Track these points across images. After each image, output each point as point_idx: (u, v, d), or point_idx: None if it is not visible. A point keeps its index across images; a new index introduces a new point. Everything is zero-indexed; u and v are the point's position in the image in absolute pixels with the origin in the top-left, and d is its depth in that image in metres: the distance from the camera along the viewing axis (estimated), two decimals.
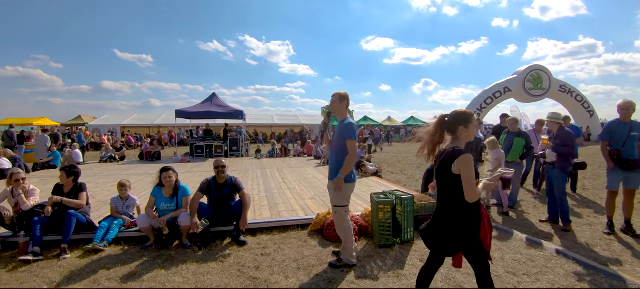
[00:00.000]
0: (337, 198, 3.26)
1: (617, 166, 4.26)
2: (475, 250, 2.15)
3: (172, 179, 4.06)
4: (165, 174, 4.05)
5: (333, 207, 3.32)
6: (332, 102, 3.42)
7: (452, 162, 2.07)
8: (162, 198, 4.05)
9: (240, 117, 14.14)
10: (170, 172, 4.08)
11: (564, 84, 25.16)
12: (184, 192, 4.13)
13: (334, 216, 3.34)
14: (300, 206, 5.36)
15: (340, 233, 3.33)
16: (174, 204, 4.05)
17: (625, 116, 4.25)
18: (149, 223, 3.82)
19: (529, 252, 3.78)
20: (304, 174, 8.95)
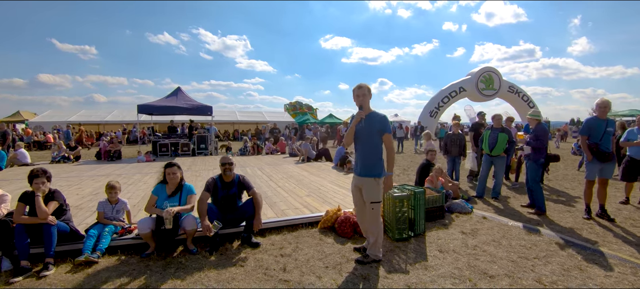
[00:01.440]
0: (374, 194, 3.17)
1: (595, 158, 4.71)
2: None
3: (176, 175, 3.71)
4: (169, 170, 3.69)
5: (370, 203, 3.18)
6: (363, 95, 3.17)
7: None
8: (165, 196, 3.69)
9: (209, 113, 13.43)
10: (175, 168, 3.73)
11: (512, 85, 27.46)
12: (188, 191, 3.79)
13: (370, 213, 3.23)
14: (301, 204, 5.21)
15: (374, 228, 3.27)
16: (177, 203, 3.70)
17: (602, 113, 4.71)
18: (151, 228, 3.43)
19: (530, 238, 4.03)
20: (288, 172, 8.74)
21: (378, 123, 3.15)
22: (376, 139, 3.15)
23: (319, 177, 7.76)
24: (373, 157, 3.15)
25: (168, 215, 3.36)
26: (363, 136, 3.20)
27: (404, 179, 8.27)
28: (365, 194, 3.21)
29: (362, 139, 3.21)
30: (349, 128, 3.32)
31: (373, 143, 3.15)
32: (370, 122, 3.16)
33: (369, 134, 3.16)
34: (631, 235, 4.14)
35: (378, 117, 3.18)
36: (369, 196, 3.18)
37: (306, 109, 36.36)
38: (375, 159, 3.15)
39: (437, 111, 27.89)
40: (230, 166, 3.87)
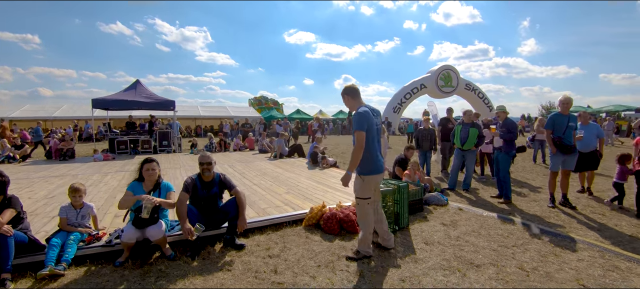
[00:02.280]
0: (358, 190, 3.22)
1: (559, 151, 5.07)
2: None
3: (155, 172, 3.42)
4: (148, 166, 3.39)
5: (355, 198, 3.28)
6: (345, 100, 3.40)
7: None
8: (141, 191, 3.38)
9: (171, 107, 12.69)
10: (153, 164, 3.44)
11: (468, 83, 29.08)
12: (167, 189, 3.50)
13: (357, 207, 3.30)
14: (282, 201, 5.07)
15: (361, 224, 3.30)
16: None
17: (565, 109, 5.08)
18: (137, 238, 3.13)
19: (506, 227, 4.24)
20: (262, 169, 8.51)
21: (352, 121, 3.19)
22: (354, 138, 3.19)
23: (295, 174, 7.63)
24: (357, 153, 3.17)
25: (148, 203, 3.08)
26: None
27: None
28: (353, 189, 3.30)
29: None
30: None
31: (353, 141, 3.21)
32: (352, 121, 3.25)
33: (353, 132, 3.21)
34: (592, 221, 4.52)
35: (354, 114, 3.20)
36: (354, 192, 3.28)
37: (272, 104, 35.81)
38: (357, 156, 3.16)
39: (400, 107, 28.89)
40: (209, 166, 3.63)
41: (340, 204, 4.52)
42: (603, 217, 4.67)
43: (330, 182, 6.57)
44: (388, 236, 3.48)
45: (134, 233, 3.16)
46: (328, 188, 6.05)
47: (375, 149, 3.17)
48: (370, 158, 3.16)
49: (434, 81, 28.01)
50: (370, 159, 3.16)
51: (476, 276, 2.98)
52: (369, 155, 3.14)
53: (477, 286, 2.80)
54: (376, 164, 3.22)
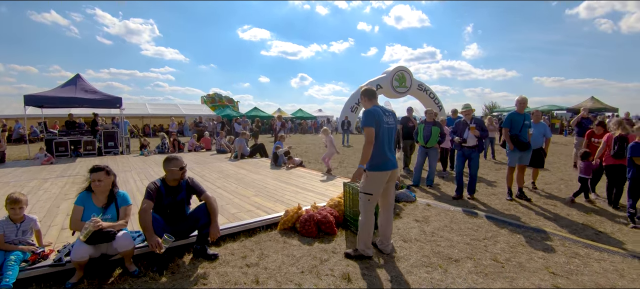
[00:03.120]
0: (361, 184, 3.27)
1: (516, 148, 5.44)
2: None
3: (103, 183, 2.97)
4: (95, 176, 2.94)
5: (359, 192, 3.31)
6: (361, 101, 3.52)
7: None
8: (93, 208, 2.94)
9: (118, 105, 11.56)
10: (101, 173, 2.97)
11: (421, 84, 30.57)
12: (123, 201, 3.10)
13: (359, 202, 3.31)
14: (252, 205, 4.80)
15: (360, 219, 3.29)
16: (110, 216, 2.99)
17: (521, 108, 5.45)
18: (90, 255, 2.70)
19: (473, 221, 4.44)
20: (223, 170, 8.06)
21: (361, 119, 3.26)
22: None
23: (261, 175, 7.34)
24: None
25: (89, 226, 2.66)
26: None
27: (342, 172, 8.39)
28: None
29: None
30: None
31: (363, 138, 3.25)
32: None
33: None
34: (548, 212, 4.90)
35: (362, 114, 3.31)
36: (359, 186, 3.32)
37: (226, 101, 34.55)
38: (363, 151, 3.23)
39: (357, 107, 29.52)
40: (183, 171, 3.29)
41: (315, 205, 4.39)
42: (555, 208, 5.10)
43: (300, 183, 6.41)
44: (387, 241, 3.43)
45: (86, 249, 2.73)
46: (298, 189, 5.89)
47: (383, 146, 3.21)
48: (377, 154, 3.19)
49: (389, 81, 29.02)
50: (376, 155, 3.19)
51: (457, 270, 3.03)
52: (375, 151, 3.18)
53: (460, 280, 2.85)
54: (383, 161, 3.21)
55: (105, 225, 2.80)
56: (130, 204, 3.15)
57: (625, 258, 3.20)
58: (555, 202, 5.39)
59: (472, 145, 5.52)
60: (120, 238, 2.82)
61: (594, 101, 23.52)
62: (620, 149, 4.73)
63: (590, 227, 4.17)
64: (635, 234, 3.92)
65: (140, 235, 3.22)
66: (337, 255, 3.32)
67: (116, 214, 3.04)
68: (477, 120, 5.64)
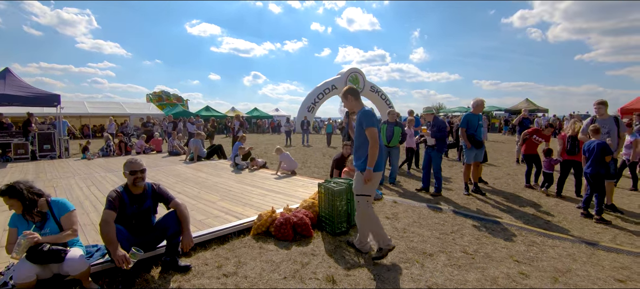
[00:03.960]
0: (358, 187, 3.22)
1: (473, 146, 5.84)
2: None
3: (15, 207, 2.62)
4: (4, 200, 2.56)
5: (356, 196, 3.24)
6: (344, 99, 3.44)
7: None
8: (26, 226, 2.56)
9: (55, 103, 10.29)
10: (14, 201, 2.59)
11: (373, 85, 31.65)
12: (61, 209, 2.73)
13: (357, 205, 3.26)
14: (219, 210, 4.56)
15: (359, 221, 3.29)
16: (48, 230, 2.62)
17: (477, 110, 5.87)
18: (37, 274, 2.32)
19: (439, 216, 4.67)
20: (180, 174, 7.56)
21: (359, 118, 3.20)
22: (361, 134, 3.20)
23: (222, 178, 7.01)
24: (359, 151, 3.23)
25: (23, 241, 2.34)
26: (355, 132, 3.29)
27: (306, 172, 8.35)
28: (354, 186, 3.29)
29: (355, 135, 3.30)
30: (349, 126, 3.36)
31: (360, 138, 3.22)
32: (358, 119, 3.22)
33: (357, 130, 3.23)
34: (501, 205, 5.33)
35: (360, 112, 3.23)
36: (355, 189, 3.26)
37: (175, 99, 32.64)
38: (360, 153, 3.22)
39: (314, 106, 29.75)
40: (143, 174, 2.99)
41: (288, 207, 4.30)
42: (507, 201, 5.56)
43: (266, 185, 6.23)
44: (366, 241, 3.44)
45: (30, 269, 2.38)
46: (265, 191, 5.72)
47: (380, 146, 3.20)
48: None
49: (343, 82, 29.60)
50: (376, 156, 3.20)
51: (433, 264, 3.16)
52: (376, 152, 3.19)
53: (437, 274, 2.96)
54: (380, 161, 3.21)
55: (46, 239, 2.47)
56: (72, 210, 2.78)
57: (574, 244, 3.59)
58: (506, 196, 5.89)
59: (431, 144, 5.84)
60: (69, 261, 2.47)
61: (528, 103, 26.27)
62: (572, 147, 5.34)
63: (540, 217, 4.61)
64: (577, 222, 4.42)
65: (99, 249, 2.88)
66: (317, 257, 3.27)
67: (58, 227, 2.67)
68: (437, 121, 5.96)
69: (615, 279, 2.81)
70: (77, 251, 2.55)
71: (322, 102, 30.43)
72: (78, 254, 2.52)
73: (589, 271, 2.96)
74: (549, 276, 2.89)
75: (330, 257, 3.28)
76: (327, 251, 3.43)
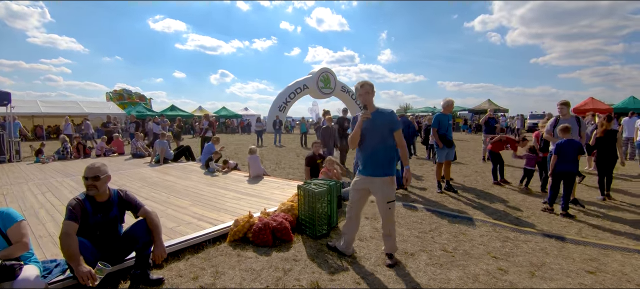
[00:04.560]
0: (392, 193, 3.07)
1: (444, 145, 5.99)
2: None
3: None
4: None
5: (388, 203, 3.04)
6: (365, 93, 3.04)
7: None
8: None
9: (5, 102, 9.31)
10: None
11: (344, 85, 31.91)
12: (6, 221, 2.40)
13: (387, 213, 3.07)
14: (192, 216, 4.30)
15: (392, 228, 3.15)
16: None
17: (447, 110, 6.03)
18: None
19: (415, 214, 4.73)
20: (147, 178, 7.11)
21: (388, 120, 3.02)
22: (388, 137, 3.03)
23: (193, 181, 6.68)
24: (387, 155, 3.04)
25: None
26: (372, 134, 3.02)
27: (281, 173, 8.19)
28: (381, 194, 3.04)
29: (371, 137, 3.03)
30: (354, 129, 3.05)
31: (385, 141, 3.02)
32: (380, 120, 3.01)
33: (379, 132, 3.01)
34: (473, 202, 5.50)
35: (387, 113, 3.06)
36: (386, 196, 3.03)
37: (137, 98, 30.96)
38: (390, 157, 3.05)
39: (285, 106, 29.50)
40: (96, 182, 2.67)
41: (265, 211, 4.14)
42: (478, 198, 5.76)
43: (240, 188, 6.01)
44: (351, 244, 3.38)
45: None
46: (240, 194, 5.50)
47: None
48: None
49: (315, 82, 29.61)
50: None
51: (415, 264, 3.16)
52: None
53: (421, 273, 2.96)
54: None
55: None
56: (20, 221, 2.45)
57: (544, 238, 3.75)
58: (477, 193, 6.10)
59: None
60: (22, 281, 2.18)
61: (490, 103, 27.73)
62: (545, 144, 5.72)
63: (510, 213, 4.80)
64: (544, 216, 4.64)
65: (59, 264, 2.58)
66: (300, 263, 3.16)
67: (5, 241, 2.36)
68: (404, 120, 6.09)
69: (586, 271, 2.96)
70: (31, 270, 2.26)
71: (293, 102, 30.24)
72: (33, 273, 2.23)
73: (561, 264, 3.09)
74: (526, 270, 2.99)
75: (313, 261, 3.18)
76: (309, 255, 3.33)
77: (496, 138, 6.83)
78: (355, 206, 3.25)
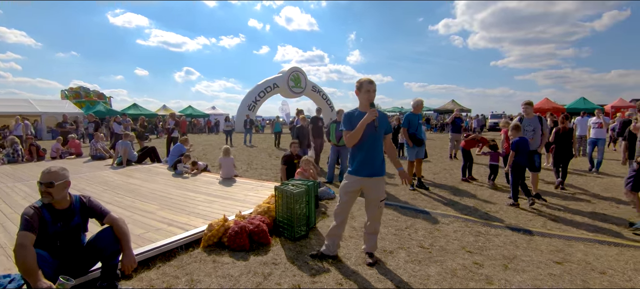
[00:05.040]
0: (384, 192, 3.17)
1: (414, 144, 6.14)
2: None
3: None
4: None
5: (380, 202, 3.09)
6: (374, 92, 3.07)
7: None
8: None
9: None
10: None
11: (314, 85, 31.92)
12: None
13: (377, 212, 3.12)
14: (161, 222, 4.06)
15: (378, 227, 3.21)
16: None
17: (417, 110, 6.19)
18: None
19: (391, 212, 4.78)
20: (109, 181, 6.63)
21: (385, 122, 3.10)
22: (382, 138, 3.11)
23: (159, 184, 6.33)
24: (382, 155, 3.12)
25: None
26: (372, 135, 3.01)
27: (253, 174, 8.00)
28: (375, 194, 3.06)
29: (371, 138, 3.01)
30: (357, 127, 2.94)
31: (380, 142, 3.10)
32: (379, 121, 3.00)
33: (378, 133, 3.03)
34: (443, 198, 5.68)
35: (382, 115, 3.09)
36: (379, 195, 3.08)
37: (96, 97, 29.04)
38: (383, 158, 3.13)
39: (255, 105, 28.96)
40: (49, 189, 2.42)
41: (240, 214, 4.00)
42: (449, 194, 5.96)
43: (211, 190, 5.78)
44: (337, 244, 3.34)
45: None
46: (212, 197, 5.29)
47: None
48: None
49: (285, 81, 29.36)
50: None
51: (395, 261, 3.19)
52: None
53: (401, 270, 2.99)
54: None
55: None
56: None
57: (514, 232, 3.95)
58: (447, 189, 6.32)
59: None
60: None
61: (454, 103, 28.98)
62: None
63: (479, 208, 5.01)
64: (511, 211, 4.88)
65: (13, 279, 2.33)
66: (279, 266, 3.07)
67: None
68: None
69: (554, 261, 3.14)
70: None
71: (263, 101, 29.76)
72: None
73: (531, 256, 3.26)
74: (499, 263, 3.11)
75: (293, 264, 3.11)
76: (289, 258, 3.25)
77: (471, 136, 7.12)
78: (346, 207, 3.18)
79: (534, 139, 5.39)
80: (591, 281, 2.79)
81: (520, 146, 5.02)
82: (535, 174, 5.43)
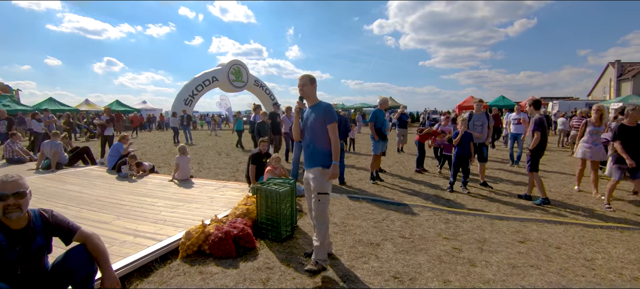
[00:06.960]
0: (321, 185, 2.94)
1: (380, 138, 6.40)
2: None
3: None
4: None
5: (317, 194, 2.92)
6: (302, 85, 3.04)
7: None
8: None
9: None
10: None
11: (257, 79, 31.07)
12: None
13: (316, 205, 2.93)
14: (125, 233, 3.60)
15: (321, 225, 2.95)
16: None
17: (383, 106, 6.46)
18: None
19: (364, 205, 4.93)
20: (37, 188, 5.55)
21: (323, 113, 2.95)
22: (323, 129, 2.95)
23: (102, 189, 5.59)
24: (320, 147, 2.97)
25: None
26: (309, 126, 3.04)
27: (209, 174, 7.53)
28: (312, 185, 2.98)
29: (307, 130, 3.06)
30: (293, 121, 3.10)
31: (319, 133, 2.96)
32: (315, 112, 3.00)
33: (314, 124, 2.98)
34: (407, 189, 6.02)
35: (322, 106, 3.00)
36: (316, 187, 2.94)
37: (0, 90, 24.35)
38: (322, 149, 2.95)
39: (192, 99, 27.20)
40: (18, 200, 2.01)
41: (217, 218, 3.76)
42: (409, 184, 6.34)
43: (169, 194, 5.30)
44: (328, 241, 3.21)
45: None
46: (174, 201, 4.85)
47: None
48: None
49: (225, 74, 28.08)
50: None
51: (385, 254, 3.29)
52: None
53: (394, 262, 3.10)
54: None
55: None
56: None
57: (477, 216, 4.36)
58: (406, 180, 6.72)
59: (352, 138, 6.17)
60: None
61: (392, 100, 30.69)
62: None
63: (441, 196, 5.43)
64: (468, 198, 5.37)
65: None
66: (275, 270, 2.96)
67: None
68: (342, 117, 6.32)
69: (518, 241, 3.56)
70: None
71: (201, 95, 28.03)
72: None
73: (498, 238, 3.64)
74: (475, 247, 3.42)
75: (289, 266, 3.02)
76: (282, 260, 3.14)
77: (425, 130, 7.63)
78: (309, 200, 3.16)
79: (483, 133, 6.02)
80: (552, 255, 3.24)
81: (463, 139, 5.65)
82: (482, 164, 6.07)
